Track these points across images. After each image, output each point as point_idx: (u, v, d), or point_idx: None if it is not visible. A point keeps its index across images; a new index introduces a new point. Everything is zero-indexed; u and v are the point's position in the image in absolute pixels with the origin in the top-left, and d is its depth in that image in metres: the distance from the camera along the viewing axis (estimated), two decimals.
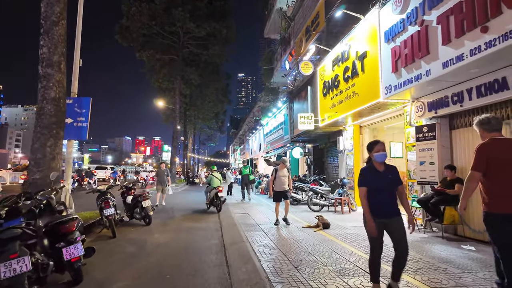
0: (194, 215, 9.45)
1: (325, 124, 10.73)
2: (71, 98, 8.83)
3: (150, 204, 7.63)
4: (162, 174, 11.09)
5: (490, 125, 2.90)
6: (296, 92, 14.31)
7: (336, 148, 12.33)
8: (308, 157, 15.04)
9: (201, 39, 28.31)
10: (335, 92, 9.57)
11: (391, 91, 6.67)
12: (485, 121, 2.94)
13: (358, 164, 10.41)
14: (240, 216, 8.50)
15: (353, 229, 6.52)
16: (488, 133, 2.91)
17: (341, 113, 9.18)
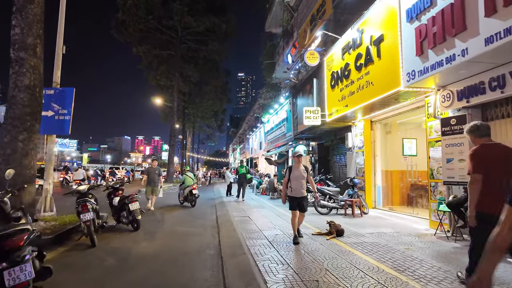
0: (189, 217, 8.57)
1: (332, 119, 9.84)
2: (52, 89, 7.98)
3: (138, 207, 6.75)
4: (153, 173, 9.68)
5: (480, 132, 3.10)
6: (299, 86, 13.43)
7: (343, 145, 11.44)
8: (312, 156, 14.16)
9: (200, 34, 27.43)
10: (345, 82, 8.68)
11: (414, 77, 5.79)
12: (475, 128, 3.13)
13: (369, 163, 9.54)
14: (240, 220, 7.61)
15: (371, 237, 5.64)
16: (479, 138, 3.10)
17: (352, 105, 8.29)
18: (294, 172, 5.49)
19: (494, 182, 2.85)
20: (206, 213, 9.53)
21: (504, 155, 2.95)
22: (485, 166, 2.91)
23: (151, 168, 9.92)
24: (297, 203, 5.41)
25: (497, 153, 2.97)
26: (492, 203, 2.76)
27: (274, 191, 13.37)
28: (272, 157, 21.62)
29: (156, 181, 9.70)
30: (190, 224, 7.57)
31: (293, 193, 5.42)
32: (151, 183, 9.66)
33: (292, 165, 5.64)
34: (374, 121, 9.64)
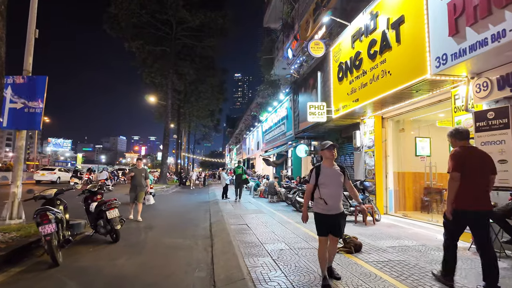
0: (179, 225, 7.56)
1: (339, 115, 8.91)
2: (22, 77, 6.94)
3: (117, 214, 5.74)
4: (139, 175, 7.99)
5: (460, 135, 3.44)
6: (301, 81, 12.48)
7: (349, 144, 10.51)
8: (314, 156, 13.21)
9: (195, 30, 26.44)
10: (356, 74, 7.75)
11: (446, 62, 4.86)
12: (455, 132, 3.48)
13: (380, 164, 8.61)
14: (237, 229, 6.63)
15: (394, 253, 4.69)
16: (458, 141, 3.44)
17: (364, 99, 7.35)
18: (326, 175, 3.44)
19: (470, 181, 3.18)
20: (198, 220, 8.53)
21: (479, 158, 3.29)
22: (463, 166, 3.20)
23: (136, 169, 8.14)
24: (329, 225, 3.42)
25: (474, 155, 3.30)
26: (467, 200, 3.18)
27: (274, 194, 12.41)
28: (271, 158, 20.67)
29: (142, 185, 8.01)
30: (179, 234, 6.57)
31: (325, 207, 3.37)
32: (136, 188, 7.95)
33: (320, 164, 3.58)
34: (386, 117, 8.72)
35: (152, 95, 31.45)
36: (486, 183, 3.26)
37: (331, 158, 3.52)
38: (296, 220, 7.75)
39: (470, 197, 3.17)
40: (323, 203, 3.39)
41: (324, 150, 3.56)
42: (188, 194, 18.10)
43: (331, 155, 3.52)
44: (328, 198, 3.38)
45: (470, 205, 3.17)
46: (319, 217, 3.46)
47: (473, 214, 3.20)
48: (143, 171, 8.26)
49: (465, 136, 3.43)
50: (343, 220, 3.62)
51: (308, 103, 9.28)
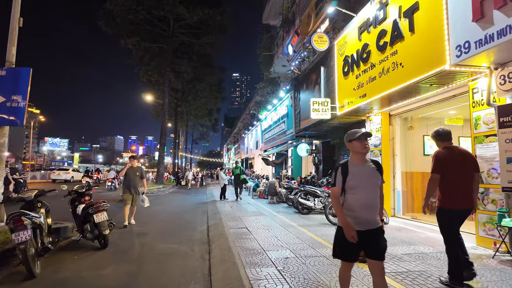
0: (174, 229, 7.07)
1: (344, 112, 8.44)
2: (4, 69, 6.41)
3: (105, 218, 5.24)
4: (133, 175, 7.23)
5: (442, 136, 3.54)
6: (303, 77, 12.01)
7: None
8: (315, 155, 12.76)
9: (193, 27, 25.92)
10: (363, 67, 7.28)
11: (468, 50, 4.40)
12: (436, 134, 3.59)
13: (387, 163, 8.15)
14: (236, 233, 6.14)
15: (412, 261, 4.23)
16: (441, 142, 3.55)
17: (372, 94, 6.88)
18: (356, 175, 2.50)
19: (454, 181, 3.31)
20: (195, 222, 8.04)
21: (461, 157, 3.39)
22: (445, 167, 3.35)
23: (131, 169, 7.29)
24: (363, 244, 2.45)
25: (456, 155, 3.39)
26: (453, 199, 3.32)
27: (274, 195, 11.93)
28: (270, 157, 20.20)
29: (136, 186, 7.23)
30: (174, 238, 6.07)
31: (357, 221, 2.45)
32: (130, 189, 7.16)
33: (347, 160, 2.63)
34: (393, 114, 8.27)
35: (149, 93, 30.92)
36: (470, 182, 3.37)
37: (363, 152, 2.55)
38: (299, 223, 7.28)
39: (456, 196, 3.31)
40: (355, 215, 2.44)
41: (353, 142, 2.55)
42: (185, 195, 17.59)
43: (363, 148, 2.53)
44: (362, 208, 2.43)
45: (457, 204, 3.32)
46: (348, 231, 2.43)
47: (460, 212, 3.37)
48: (138, 170, 7.40)
49: (446, 137, 3.53)
50: (382, 240, 2.47)
51: (312, 99, 8.81)
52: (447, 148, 3.48)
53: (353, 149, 2.60)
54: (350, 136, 2.61)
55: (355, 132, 2.60)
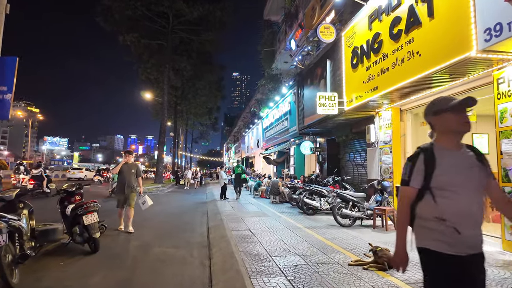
0: (172, 230, 6.61)
1: (352, 107, 7.99)
2: None
3: (96, 220, 4.78)
4: (128, 172, 6.27)
5: None
6: (307, 72, 11.55)
7: (360, 140, 9.61)
8: (319, 154, 12.31)
9: (193, 23, 25.44)
10: (374, 58, 6.82)
11: (500, 33, 3.95)
12: None
13: (398, 161, 7.70)
14: (239, 236, 5.69)
15: None
16: None
17: (385, 86, 6.42)
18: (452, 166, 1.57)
19: None
20: (194, 223, 7.58)
21: None
22: None
23: (125, 166, 6.36)
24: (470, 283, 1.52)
25: None
26: None
27: (276, 195, 11.47)
28: (271, 156, 19.75)
29: (132, 185, 6.25)
30: (172, 241, 5.62)
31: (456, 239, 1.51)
32: (124, 188, 6.20)
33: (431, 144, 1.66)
34: (404, 109, 7.82)
35: (149, 92, 30.48)
36: None
37: (461, 130, 1.62)
38: (305, 224, 6.82)
39: None
40: (450, 230, 1.51)
41: (443, 114, 1.62)
42: (185, 194, 17.13)
43: (463, 124, 1.60)
44: (462, 218, 1.52)
45: None
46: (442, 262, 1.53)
47: None
48: (133, 167, 6.43)
49: None
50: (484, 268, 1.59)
51: (318, 94, 8.34)
52: None
53: (443, 125, 1.64)
54: (439, 105, 1.65)
55: (447, 99, 1.64)
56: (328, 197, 8.24)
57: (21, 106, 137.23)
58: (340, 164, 11.48)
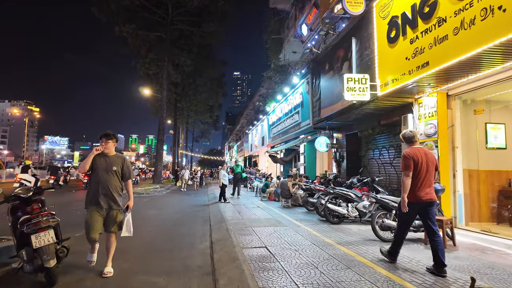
0: (165, 246, 5.14)
1: (388, 91, 6.51)
2: None
3: (50, 240, 3.35)
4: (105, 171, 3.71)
5: (406, 140, 3.99)
6: (324, 56, 10.05)
7: (390, 134, 8.15)
8: (336, 151, 10.84)
9: (193, 14, 23.99)
10: (424, 26, 5.34)
11: None
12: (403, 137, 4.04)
13: (445, 158, 6.26)
14: (254, 257, 4.24)
15: None
16: (408, 144, 3.97)
17: (442, 60, 4.94)
18: None
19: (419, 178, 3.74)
20: (194, 235, 6.12)
21: (424, 157, 3.77)
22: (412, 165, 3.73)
23: (102, 160, 3.75)
24: None
25: (420, 155, 3.77)
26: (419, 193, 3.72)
27: (288, 197, 10.01)
28: (278, 154, 18.29)
29: (112, 195, 3.73)
30: (163, 265, 4.16)
31: None
32: (98, 199, 3.67)
33: None
34: (452, 95, 6.34)
35: (148, 88, 29.08)
36: (432, 178, 3.81)
37: None
38: (336, 238, 5.36)
39: (421, 191, 3.72)
40: None
41: None
42: (184, 195, 15.68)
43: None
44: None
45: (421, 198, 3.71)
46: None
47: (424, 204, 3.74)
48: (116, 163, 3.81)
49: (410, 140, 3.94)
50: None
51: (346, 76, 6.85)
52: (412, 149, 3.83)
53: None
54: None
55: None
56: (356, 202, 6.77)
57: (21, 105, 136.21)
58: (361, 162, 10.02)
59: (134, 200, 4.07)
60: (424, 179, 3.71)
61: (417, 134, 3.96)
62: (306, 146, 14.04)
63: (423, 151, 3.80)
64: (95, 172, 3.74)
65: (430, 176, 3.75)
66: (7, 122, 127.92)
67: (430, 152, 3.86)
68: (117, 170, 3.80)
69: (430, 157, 3.80)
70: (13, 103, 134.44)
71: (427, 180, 3.73)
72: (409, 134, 3.95)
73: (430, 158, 3.79)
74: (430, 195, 3.72)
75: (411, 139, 3.91)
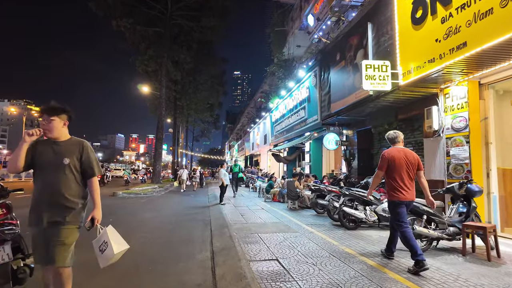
0: (157, 256, 4.41)
1: (411, 80, 5.77)
2: None
3: (6, 258, 2.61)
4: (54, 166, 2.36)
5: (389, 141, 4.12)
6: (334, 46, 9.29)
7: (407, 130, 7.41)
8: (346, 148, 10.11)
9: (193, 9, 23.27)
10: (458, 2, 4.59)
11: None
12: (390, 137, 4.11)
13: (478, 155, 5.51)
14: (264, 272, 3.52)
15: None
16: (392, 144, 4.08)
17: (484, 39, 4.19)
18: None
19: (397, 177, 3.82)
20: (193, 242, 5.39)
21: (404, 157, 3.86)
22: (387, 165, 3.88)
23: (47, 149, 2.39)
24: None
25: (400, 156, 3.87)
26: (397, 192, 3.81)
27: (295, 199, 9.28)
28: (281, 152, 17.55)
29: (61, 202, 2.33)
30: (153, 284, 3.43)
31: None
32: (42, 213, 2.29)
33: None
34: (485, 84, 5.61)
35: (147, 85, 28.36)
36: (412, 179, 3.86)
37: None
38: (356, 248, 4.62)
39: (399, 190, 3.80)
40: None
41: None
42: (183, 196, 14.95)
43: None
44: None
45: (399, 197, 3.79)
46: None
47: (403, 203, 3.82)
48: (69, 151, 2.44)
49: (393, 140, 4.07)
50: None
51: (364, 62, 6.09)
52: (392, 149, 3.97)
53: None
54: None
55: None
56: (375, 205, 6.04)
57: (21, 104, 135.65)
58: (374, 160, 9.29)
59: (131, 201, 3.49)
60: (403, 179, 3.80)
61: (400, 135, 4.07)
62: (312, 144, 13.30)
63: (404, 152, 3.91)
64: (37, 169, 2.41)
65: (409, 176, 3.83)
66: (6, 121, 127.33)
67: (411, 153, 3.94)
68: (72, 163, 2.41)
69: (411, 157, 3.88)
70: (13, 102, 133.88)
71: (406, 180, 3.81)
72: (393, 135, 4.09)
73: (411, 159, 3.87)
74: (407, 196, 3.78)
75: (394, 140, 4.05)
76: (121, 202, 11.04)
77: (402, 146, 4.05)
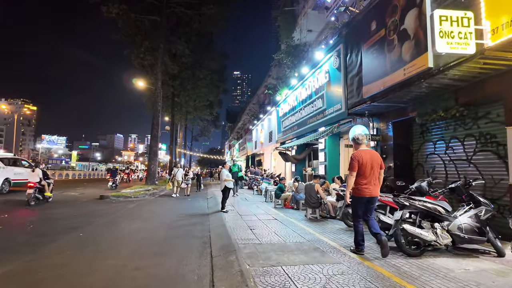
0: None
1: (506, 39, 3.91)
2: None
3: None
4: None
5: (355, 142, 4.54)
6: (368, 13, 7.41)
7: (469, 119, 5.57)
8: (377, 144, 8.25)
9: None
10: None
11: None
12: (352, 140, 4.61)
13: None
14: None
15: None
16: (357, 146, 4.51)
17: None
18: None
19: (364, 176, 4.24)
20: (182, 281, 3.52)
21: (370, 157, 4.28)
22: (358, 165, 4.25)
23: None
24: None
25: (366, 156, 4.28)
26: (363, 190, 4.24)
27: (316, 207, 7.43)
28: (289, 151, 15.68)
29: None
30: None
31: None
32: None
33: None
34: None
35: (142, 80, 26.54)
36: (376, 177, 4.31)
37: None
38: None
39: (365, 188, 4.22)
40: None
41: None
42: (179, 200, 13.07)
43: None
44: None
45: (364, 194, 4.22)
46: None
47: (365, 200, 4.25)
48: None
49: (359, 142, 4.50)
50: None
51: (437, 13, 4.18)
52: (360, 151, 4.37)
53: None
54: None
55: None
56: (448, 221, 4.17)
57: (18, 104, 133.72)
58: (414, 158, 7.46)
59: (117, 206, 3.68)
60: (369, 177, 4.23)
61: (364, 138, 4.55)
62: (327, 140, 11.44)
63: (369, 153, 4.34)
64: None
65: (374, 175, 4.27)
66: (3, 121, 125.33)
67: (375, 154, 4.41)
68: None
69: (375, 158, 4.32)
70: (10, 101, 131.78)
71: (372, 178, 4.24)
72: (357, 137, 4.50)
73: (375, 159, 4.31)
74: (372, 192, 4.23)
75: (358, 141, 4.47)
76: (105, 207, 9.22)
77: (366, 148, 4.49)
